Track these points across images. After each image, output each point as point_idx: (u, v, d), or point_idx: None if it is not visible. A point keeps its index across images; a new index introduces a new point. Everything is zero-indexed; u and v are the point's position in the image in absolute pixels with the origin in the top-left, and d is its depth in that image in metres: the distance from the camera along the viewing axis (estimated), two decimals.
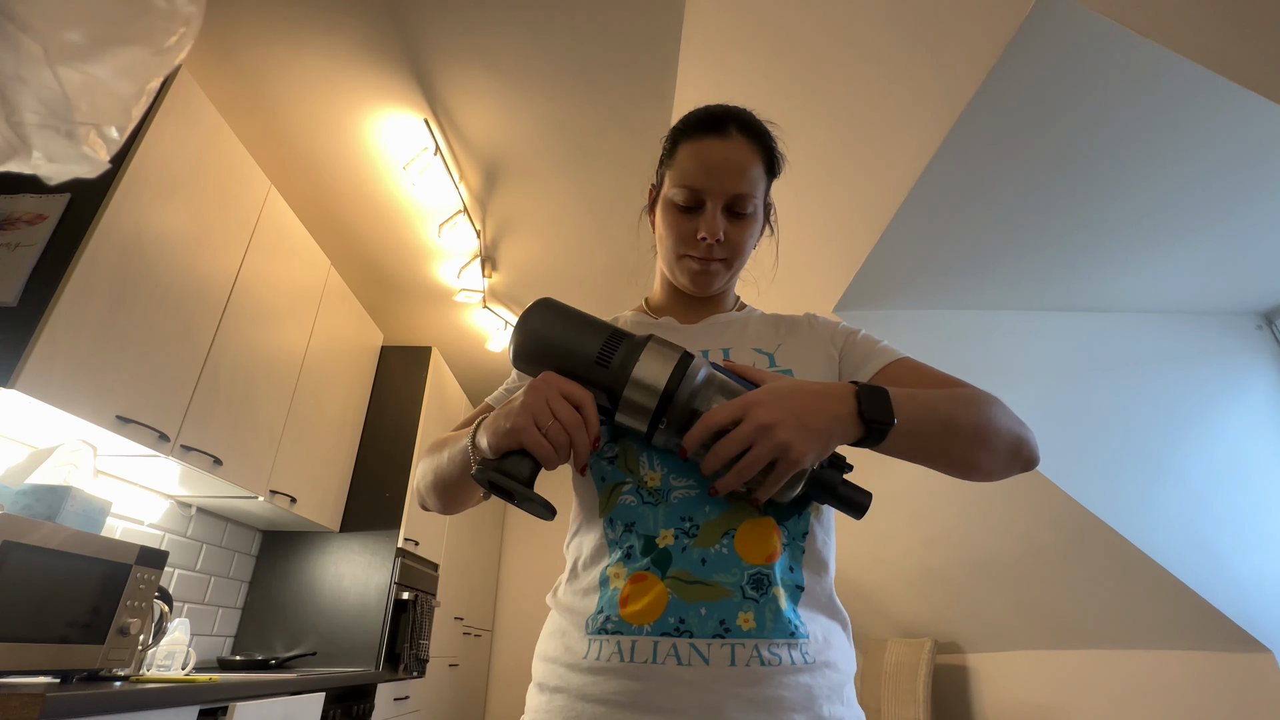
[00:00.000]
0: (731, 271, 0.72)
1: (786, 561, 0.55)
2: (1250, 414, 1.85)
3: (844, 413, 0.50)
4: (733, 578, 0.53)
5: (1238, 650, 1.62)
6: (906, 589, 2.91)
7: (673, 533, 0.55)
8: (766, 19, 1.54)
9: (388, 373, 3.07)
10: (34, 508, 1.32)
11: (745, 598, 0.52)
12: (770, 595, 0.52)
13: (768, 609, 0.52)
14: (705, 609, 0.51)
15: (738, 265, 0.72)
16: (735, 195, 0.65)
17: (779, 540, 0.55)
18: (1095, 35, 1.06)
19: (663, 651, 0.50)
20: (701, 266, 0.69)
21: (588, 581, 0.58)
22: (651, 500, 0.57)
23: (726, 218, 0.67)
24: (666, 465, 0.58)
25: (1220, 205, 1.47)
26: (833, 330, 0.73)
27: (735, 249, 0.69)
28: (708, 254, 0.68)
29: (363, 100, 2.07)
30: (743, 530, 0.54)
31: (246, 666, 2.15)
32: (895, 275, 1.79)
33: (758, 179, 0.67)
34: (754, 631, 0.51)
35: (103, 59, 0.65)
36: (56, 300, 1.34)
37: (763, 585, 0.53)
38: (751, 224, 0.69)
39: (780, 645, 0.51)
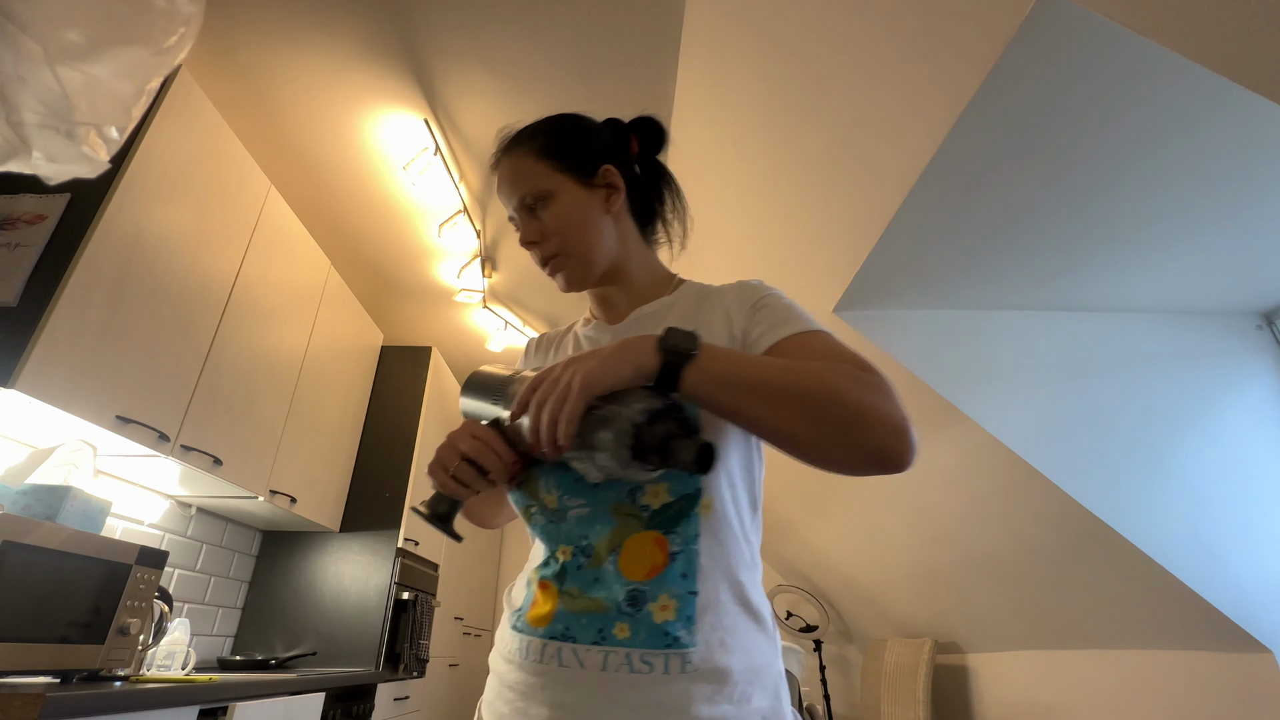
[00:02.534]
0: (574, 254, 0.72)
1: (679, 569, 0.57)
2: (1250, 414, 1.85)
3: (643, 345, 0.53)
4: (613, 595, 0.56)
5: (1238, 650, 1.62)
6: (906, 589, 2.91)
7: (571, 550, 0.60)
8: (766, 19, 1.54)
9: (388, 373, 3.07)
10: (34, 508, 1.32)
11: (621, 612, 0.56)
12: (645, 610, 0.55)
13: (643, 622, 0.55)
14: (586, 619, 0.56)
15: (581, 248, 0.72)
16: (521, 198, 0.72)
17: (664, 552, 0.57)
18: (1095, 35, 1.06)
19: (549, 653, 0.56)
20: (549, 269, 0.73)
21: (521, 583, 0.66)
22: (554, 519, 0.62)
23: (533, 218, 0.72)
24: (560, 487, 0.62)
25: (1220, 205, 1.47)
26: (750, 297, 0.68)
27: (557, 236, 0.71)
28: (541, 255, 0.73)
29: (363, 100, 2.07)
30: (628, 547, 0.58)
31: (246, 666, 2.15)
32: (895, 275, 1.79)
33: (537, 171, 0.71)
34: (628, 641, 0.55)
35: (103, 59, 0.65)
36: (56, 300, 1.34)
37: (638, 601, 0.56)
38: (557, 205, 0.71)
39: (654, 655, 0.54)
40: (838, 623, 3.91)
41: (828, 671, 3.78)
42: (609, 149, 0.76)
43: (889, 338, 1.89)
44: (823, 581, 3.73)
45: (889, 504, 2.52)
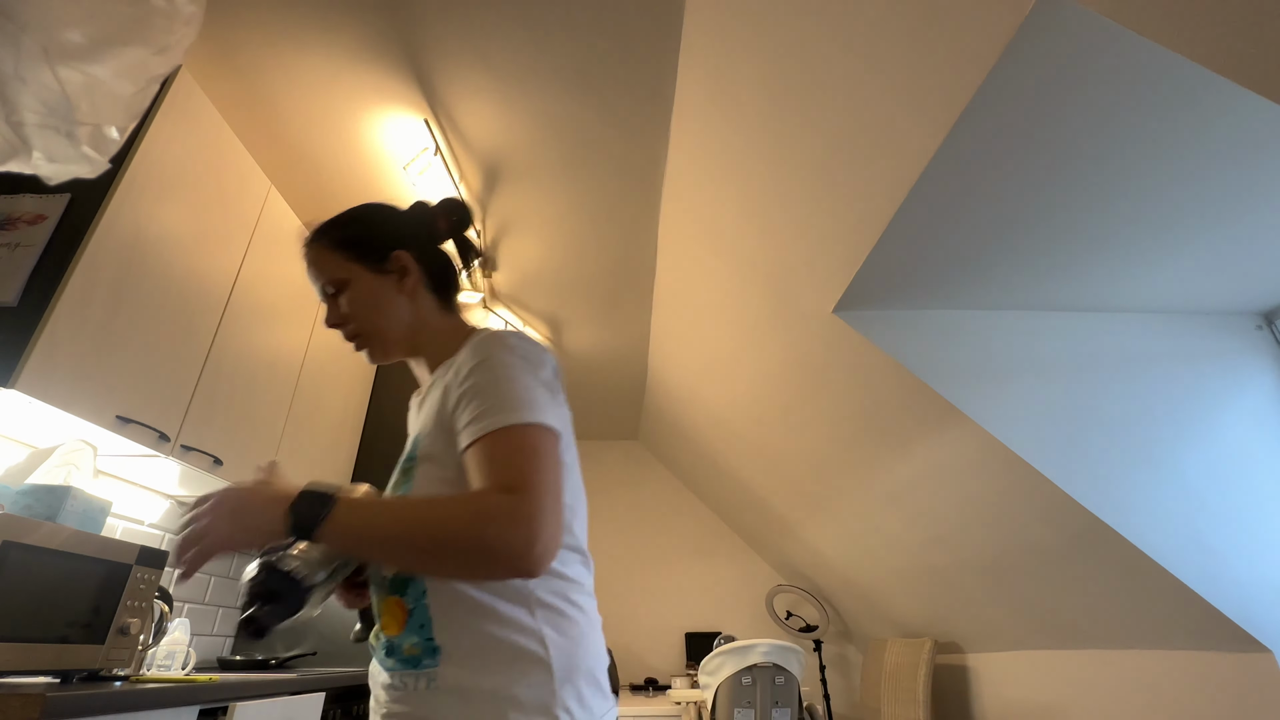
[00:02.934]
0: (373, 335, 0.84)
1: (417, 621, 0.67)
2: (1250, 414, 1.85)
3: (275, 512, 0.62)
4: (382, 646, 0.70)
5: (1238, 650, 1.62)
6: (906, 589, 2.91)
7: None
8: (766, 19, 1.54)
9: (388, 373, 3.07)
10: (34, 508, 1.32)
11: (387, 656, 0.69)
12: (399, 652, 0.68)
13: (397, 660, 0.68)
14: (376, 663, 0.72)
15: (376, 329, 0.83)
16: (321, 287, 0.84)
17: (403, 609, 0.68)
18: (1095, 35, 1.06)
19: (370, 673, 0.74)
20: (355, 346, 0.85)
21: None
22: None
23: (335, 302, 0.84)
24: None
25: (1220, 205, 1.47)
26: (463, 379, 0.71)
27: (355, 318, 0.83)
28: (345, 336, 0.84)
29: (363, 100, 2.07)
30: (382, 610, 0.71)
31: (246, 666, 2.15)
32: (895, 275, 1.79)
33: (330, 263, 0.83)
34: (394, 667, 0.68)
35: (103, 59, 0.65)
36: (56, 300, 1.34)
37: (394, 650, 0.68)
38: (353, 291, 0.82)
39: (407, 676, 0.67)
40: (838, 623, 3.91)
41: (828, 671, 3.78)
42: (404, 235, 0.86)
43: (889, 338, 1.89)
44: (823, 581, 3.74)
45: (889, 504, 2.52)
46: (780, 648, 2.57)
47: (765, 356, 2.56)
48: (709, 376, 3.15)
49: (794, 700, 2.54)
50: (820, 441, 2.63)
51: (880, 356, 1.91)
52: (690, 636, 4.12)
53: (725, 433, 3.39)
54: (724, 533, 4.57)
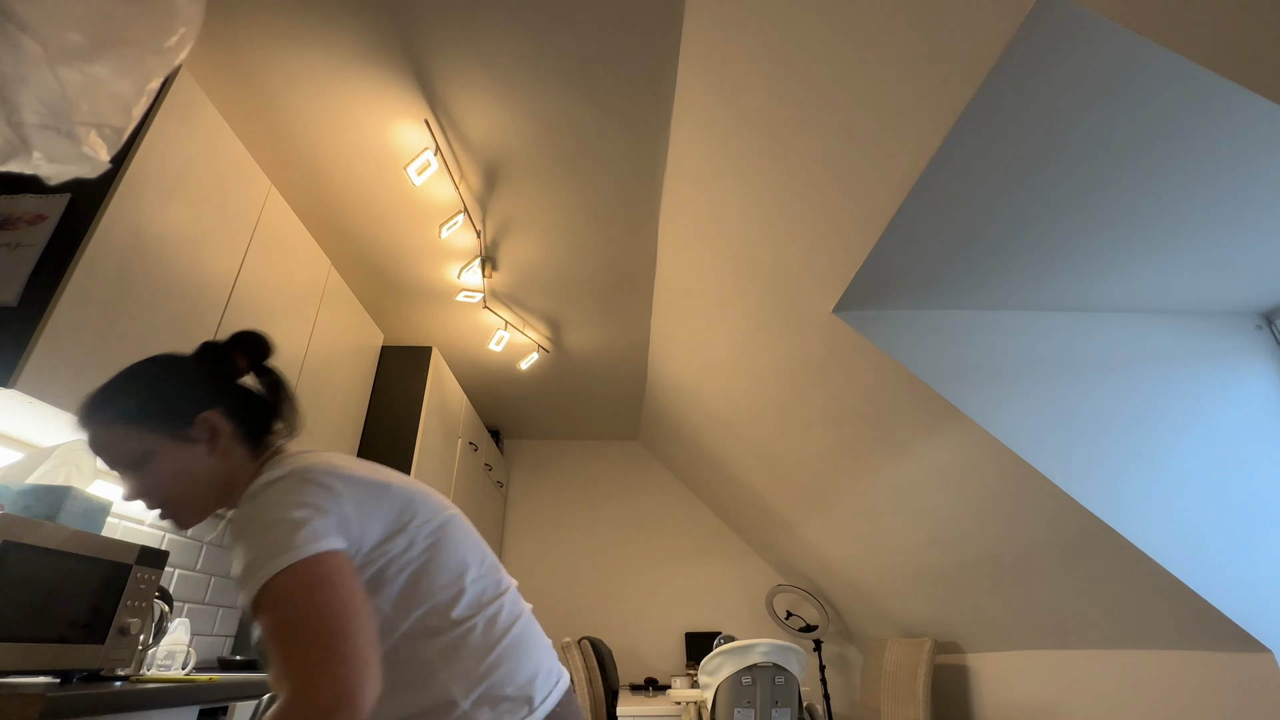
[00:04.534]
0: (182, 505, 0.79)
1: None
2: (1250, 414, 1.85)
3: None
4: None
5: (1238, 650, 1.62)
6: (906, 589, 2.91)
7: None
8: (766, 19, 1.54)
9: (388, 373, 3.07)
10: (34, 508, 1.32)
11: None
12: None
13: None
14: None
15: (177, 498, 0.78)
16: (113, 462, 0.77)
17: None
18: (1095, 35, 1.06)
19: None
20: (160, 517, 0.80)
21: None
22: None
23: (134, 477, 0.77)
24: None
25: (1220, 205, 1.47)
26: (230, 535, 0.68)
27: (151, 495, 0.78)
28: (148, 508, 0.78)
29: (363, 100, 2.07)
30: None
31: (247, 666, 2.15)
32: (895, 275, 1.79)
33: (123, 440, 0.76)
34: None
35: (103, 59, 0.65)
36: (57, 300, 1.34)
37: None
38: (156, 464, 0.76)
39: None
40: (838, 623, 3.91)
41: (828, 671, 3.79)
42: (204, 391, 0.79)
43: (889, 338, 1.89)
44: (823, 581, 3.74)
45: (889, 504, 2.52)
46: (780, 647, 2.57)
47: (765, 356, 2.56)
48: (709, 376, 3.15)
49: (794, 700, 2.55)
50: (820, 441, 2.63)
51: (880, 356, 1.91)
52: (690, 636, 4.12)
53: (725, 433, 3.39)
54: (724, 533, 4.57)
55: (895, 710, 2.88)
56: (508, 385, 4.15)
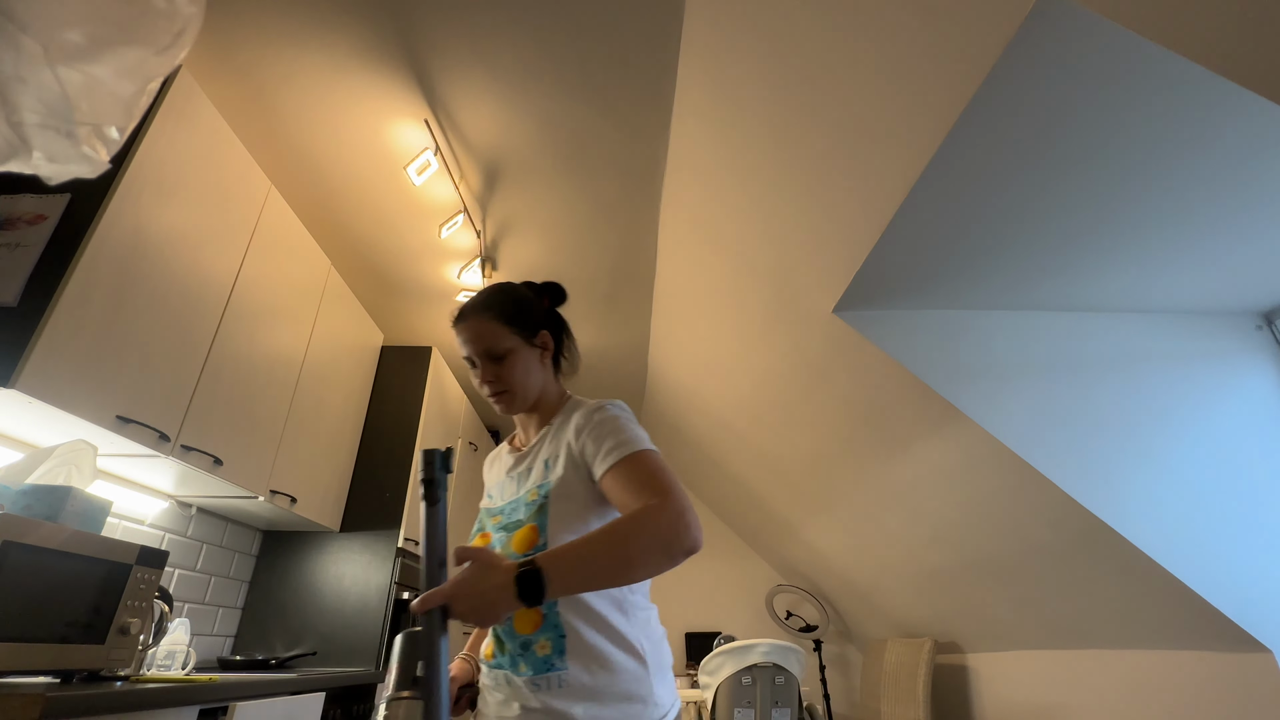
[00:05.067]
0: (521, 393, 0.99)
1: (549, 623, 0.85)
2: (1250, 414, 1.85)
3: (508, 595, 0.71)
4: (514, 643, 0.86)
5: (1238, 650, 1.62)
6: (906, 589, 2.91)
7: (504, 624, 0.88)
8: (766, 19, 1.54)
9: (388, 373, 3.07)
10: (34, 508, 1.32)
11: (520, 654, 0.86)
12: (532, 650, 0.85)
13: (532, 660, 0.84)
14: (508, 657, 0.87)
15: (520, 387, 0.99)
16: (485, 351, 0.98)
17: (540, 615, 0.85)
18: (1095, 35, 1.06)
19: (495, 679, 0.89)
20: (495, 401, 0.99)
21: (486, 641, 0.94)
22: None
23: (490, 364, 0.98)
24: None
25: (1220, 205, 1.47)
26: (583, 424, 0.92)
27: (505, 381, 0.98)
28: (493, 390, 0.98)
29: (363, 100, 2.07)
30: (517, 616, 0.86)
31: (246, 666, 2.15)
32: (895, 275, 1.79)
33: (496, 331, 0.98)
34: (525, 672, 0.85)
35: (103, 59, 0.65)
36: (56, 300, 1.34)
37: (528, 646, 0.85)
38: (513, 359, 0.98)
39: (543, 678, 0.83)
40: (838, 623, 3.91)
41: (828, 671, 3.79)
42: (542, 315, 1.05)
43: (889, 338, 1.89)
44: (823, 581, 3.73)
45: (889, 504, 2.52)
46: (780, 648, 2.57)
47: (765, 356, 2.56)
48: (709, 376, 3.15)
49: (794, 700, 2.55)
50: (820, 441, 2.63)
51: (880, 356, 1.91)
52: (690, 636, 4.12)
53: (725, 433, 3.39)
54: (724, 533, 4.57)
55: (895, 710, 2.88)
56: None
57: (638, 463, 0.84)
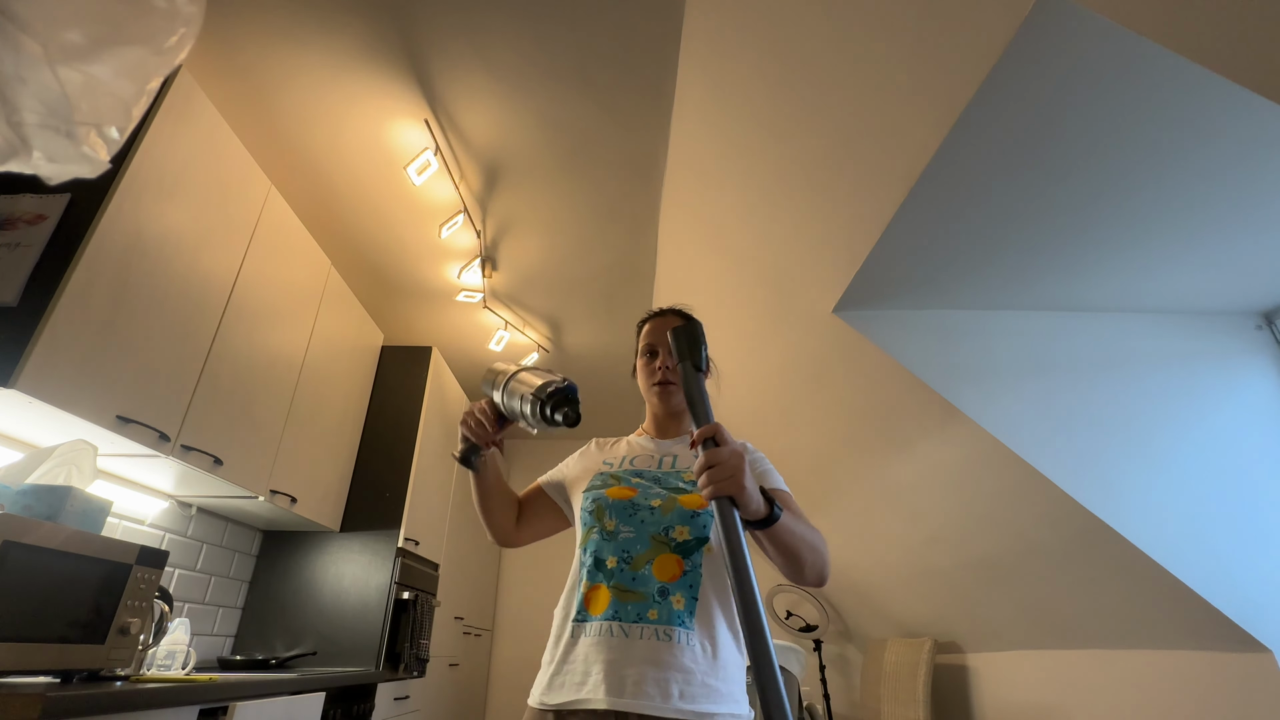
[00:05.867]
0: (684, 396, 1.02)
1: (687, 581, 0.88)
2: (1250, 414, 1.85)
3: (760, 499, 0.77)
4: (648, 589, 0.88)
5: (1238, 650, 1.62)
6: (906, 589, 2.91)
7: (616, 560, 0.91)
8: (766, 19, 1.54)
9: (388, 373, 3.08)
10: (34, 508, 1.32)
11: (654, 601, 0.87)
12: (668, 601, 0.86)
13: (666, 608, 0.86)
14: (630, 606, 0.87)
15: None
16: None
17: (681, 568, 0.89)
18: (1095, 35, 1.06)
19: (604, 630, 0.86)
20: (660, 390, 1.08)
21: (569, 600, 0.94)
22: (607, 538, 0.93)
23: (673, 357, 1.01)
24: (618, 518, 0.94)
25: (1220, 205, 1.47)
26: (748, 455, 0.99)
27: (677, 374, 1.04)
28: (666, 378, 1.07)
29: (363, 100, 2.07)
30: (658, 561, 0.89)
31: (246, 666, 2.15)
32: (895, 275, 1.79)
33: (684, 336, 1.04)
34: (656, 620, 0.85)
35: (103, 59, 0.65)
36: (56, 300, 1.34)
37: (665, 594, 0.87)
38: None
39: (671, 629, 0.85)
40: (838, 623, 3.91)
41: (828, 671, 3.78)
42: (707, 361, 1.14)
43: (889, 338, 1.89)
44: None
45: (889, 504, 2.52)
46: (780, 647, 2.57)
47: (765, 356, 2.56)
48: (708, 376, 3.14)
49: (794, 700, 2.54)
50: (820, 441, 2.63)
51: (880, 356, 1.91)
52: None
53: None
54: None
55: (895, 710, 2.88)
56: None
57: (791, 499, 0.97)
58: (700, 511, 0.92)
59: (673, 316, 1.13)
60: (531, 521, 1.13)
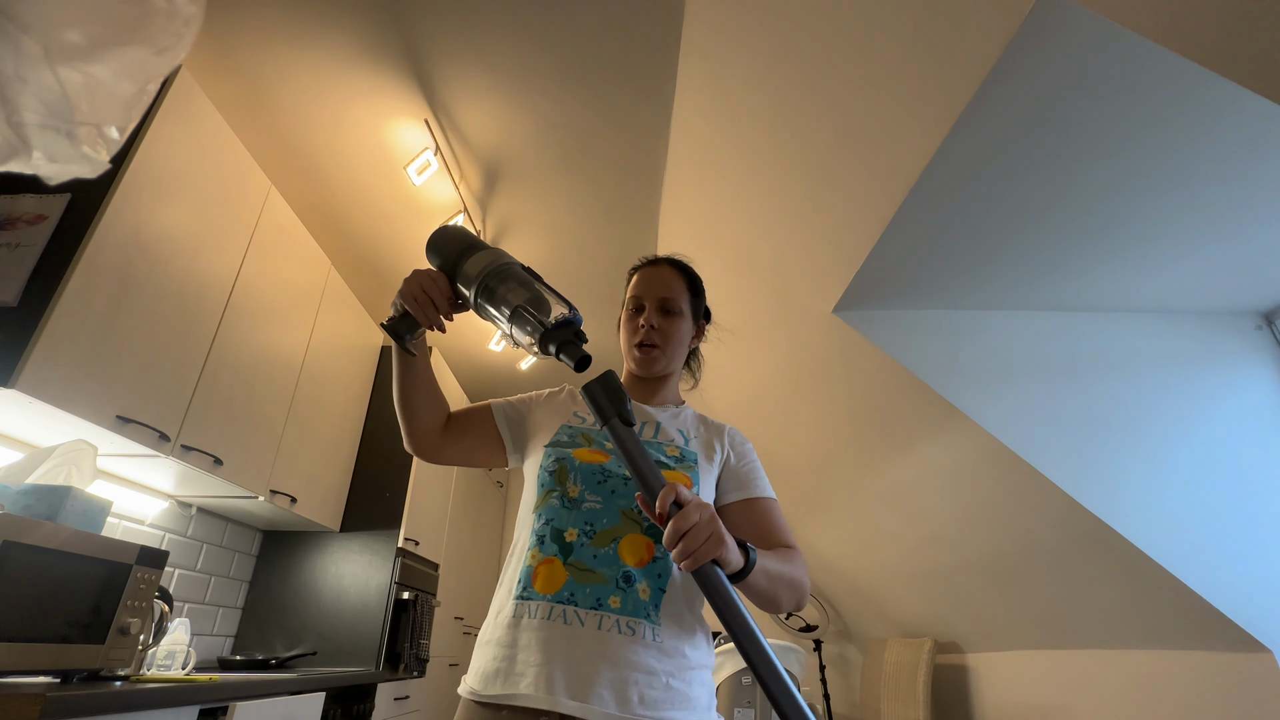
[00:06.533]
0: (668, 355, 0.96)
1: (656, 569, 0.77)
2: (1250, 414, 1.85)
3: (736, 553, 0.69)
4: (611, 572, 0.75)
5: (1238, 650, 1.62)
6: (906, 589, 2.91)
7: (577, 532, 0.78)
8: (766, 19, 1.54)
9: (388, 373, 3.07)
10: (34, 508, 1.32)
11: (617, 587, 0.75)
12: (634, 589, 0.75)
13: (631, 597, 0.74)
14: (589, 589, 0.74)
15: (671, 350, 0.97)
16: (662, 300, 0.97)
17: (651, 553, 0.78)
18: (1095, 35, 1.06)
19: (555, 614, 0.73)
20: (641, 351, 0.96)
21: (515, 560, 0.82)
22: (568, 506, 0.80)
23: (659, 314, 0.96)
24: (584, 483, 0.82)
25: (1220, 205, 1.47)
26: (737, 445, 0.96)
27: (664, 335, 0.96)
28: (646, 339, 0.95)
29: (363, 100, 2.07)
30: (626, 541, 0.78)
31: (246, 666, 2.15)
32: (895, 275, 1.79)
33: (680, 290, 0.99)
34: (619, 609, 0.74)
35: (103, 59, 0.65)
36: (56, 300, 1.34)
37: (630, 580, 0.76)
38: (677, 320, 0.97)
39: (636, 622, 0.73)
40: (838, 623, 3.91)
41: (828, 671, 3.78)
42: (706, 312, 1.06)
43: (889, 338, 1.89)
44: (823, 581, 3.73)
45: (889, 504, 2.52)
46: (780, 648, 2.57)
47: (765, 356, 2.56)
48: (708, 376, 3.14)
49: (760, 697, 2.54)
50: (820, 441, 2.63)
51: (880, 356, 1.91)
52: None
53: None
54: None
55: (895, 710, 2.88)
56: (508, 386, 4.15)
57: (778, 509, 0.90)
58: None
59: (666, 267, 1.01)
60: (461, 439, 0.99)
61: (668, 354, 0.96)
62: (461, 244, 0.80)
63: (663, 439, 0.91)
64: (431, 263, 0.83)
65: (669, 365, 0.98)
